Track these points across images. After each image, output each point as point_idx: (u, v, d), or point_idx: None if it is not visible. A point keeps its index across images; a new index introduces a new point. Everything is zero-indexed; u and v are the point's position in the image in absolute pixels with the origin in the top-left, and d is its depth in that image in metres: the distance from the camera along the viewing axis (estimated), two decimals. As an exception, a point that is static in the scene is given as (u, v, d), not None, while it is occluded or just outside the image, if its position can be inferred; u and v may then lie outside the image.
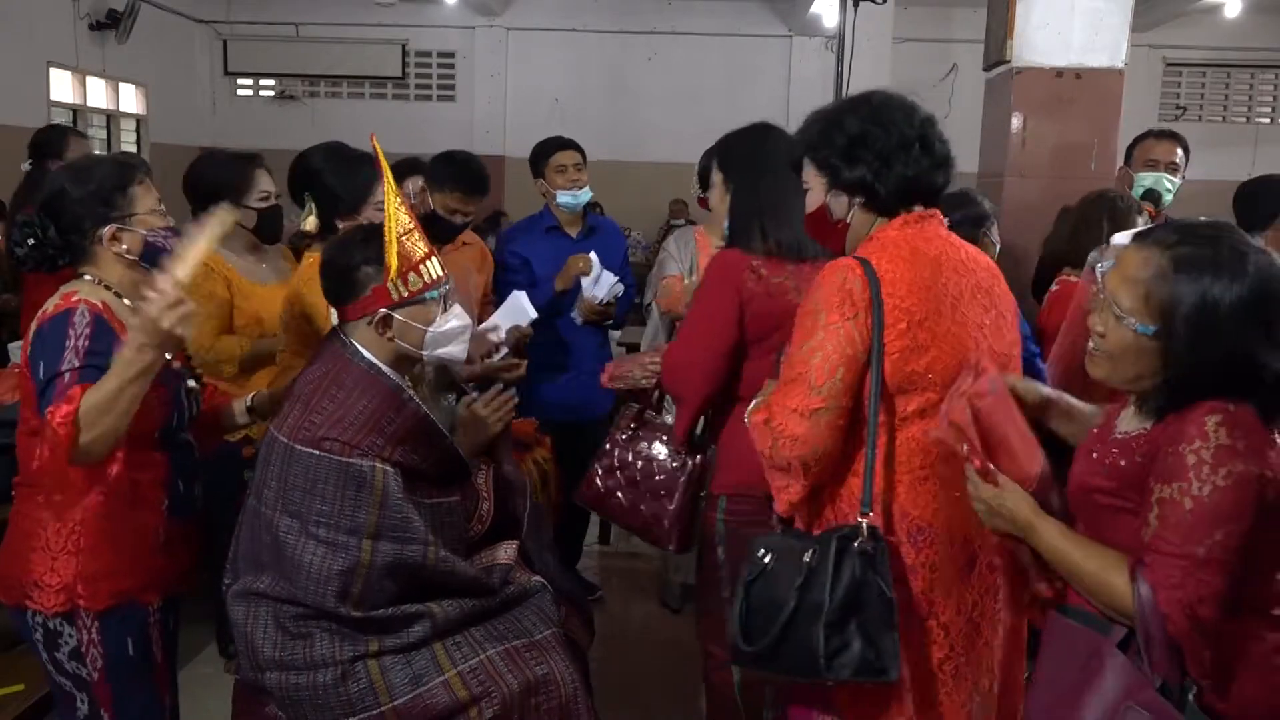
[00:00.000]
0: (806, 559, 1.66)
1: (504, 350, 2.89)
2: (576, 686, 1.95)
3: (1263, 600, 1.43)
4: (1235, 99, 10.22)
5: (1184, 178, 3.34)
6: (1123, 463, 1.48)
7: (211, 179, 2.86)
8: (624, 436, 2.36)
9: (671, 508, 2.29)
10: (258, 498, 1.91)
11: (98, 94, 8.52)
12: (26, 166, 4.07)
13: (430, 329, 1.97)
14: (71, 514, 1.87)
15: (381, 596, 1.87)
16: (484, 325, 2.93)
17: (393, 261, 1.90)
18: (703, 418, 2.34)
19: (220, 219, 1.80)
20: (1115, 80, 3.89)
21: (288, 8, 9.95)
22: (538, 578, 2.10)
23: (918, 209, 1.77)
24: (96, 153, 7.69)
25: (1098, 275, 1.54)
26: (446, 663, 1.88)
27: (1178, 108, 10.08)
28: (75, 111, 8.16)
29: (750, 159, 2.31)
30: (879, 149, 1.73)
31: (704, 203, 2.73)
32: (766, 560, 1.72)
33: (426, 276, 1.95)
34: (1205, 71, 10.13)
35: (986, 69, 4.21)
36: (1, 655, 2.61)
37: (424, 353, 1.98)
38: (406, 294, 1.93)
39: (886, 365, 1.69)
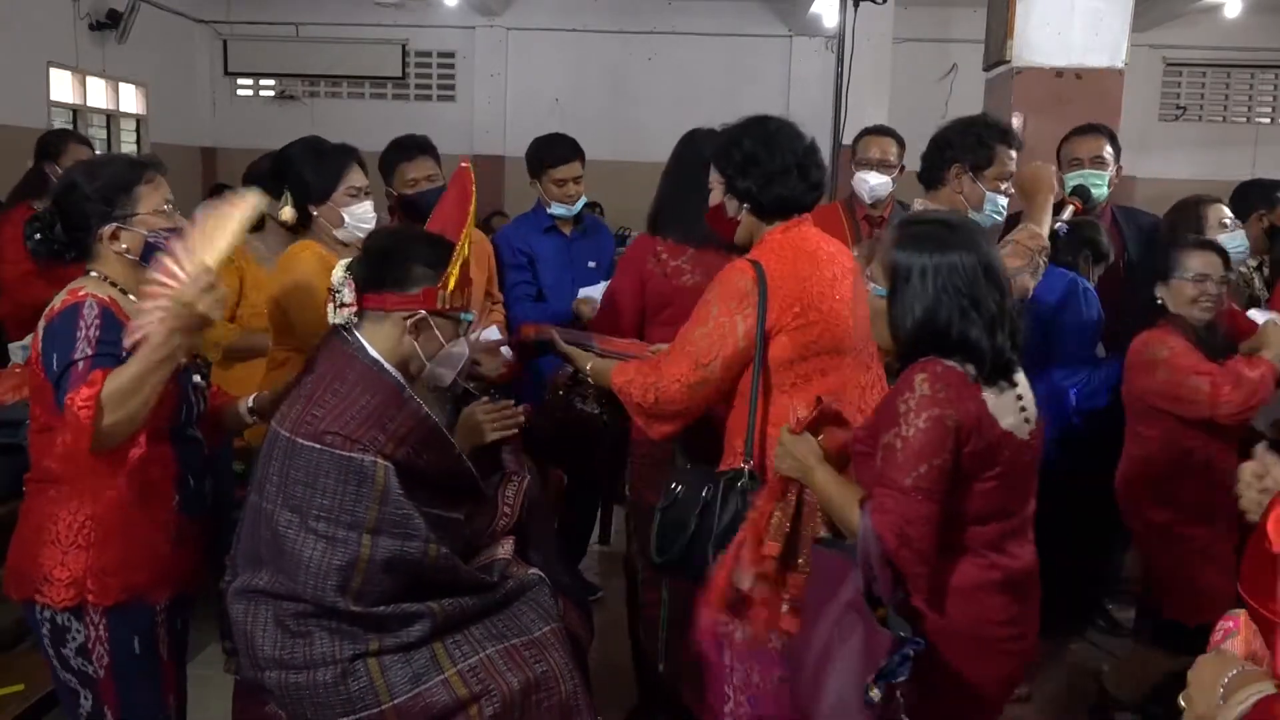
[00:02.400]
0: (704, 494, 2.08)
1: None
2: (576, 684, 1.96)
3: (973, 542, 1.75)
4: (1235, 99, 10.21)
5: (1119, 170, 3.28)
6: (866, 416, 1.89)
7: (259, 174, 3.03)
8: (561, 393, 2.72)
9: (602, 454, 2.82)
10: (259, 493, 1.91)
11: (98, 94, 8.52)
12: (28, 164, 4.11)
13: (447, 346, 2.01)
14: (84, 508, 1.89)
15: (381, 592, 1.87)
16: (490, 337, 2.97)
17: (455, 272, 1.97)
18: None
19: (248, 203, 1.85)
20: (1115, 80, 3.89)
21: (288, 8, 9.94)
22: (535, 570, 2.10)
23: (795, 217, 2.18)
24: (120, 152, 7.72)
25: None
26: (446, 661, 1.88)
27: (1178, 108, 10.08)
28: (75, 111, 8.16)
29: (674, 158, 2.71)
30: (763, 170, 2.15)
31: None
32: (678, 491, 2.13)
33: (467, 299, 2.03)
34: (1205, 71, 10.12)
35: (986, 69, 4.22)
36: (1, 655, 2.62)
37: (428, 365, 2.01)
38: (449, 306, 1.98)
39: (787, 340, 2.09)
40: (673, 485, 2.15)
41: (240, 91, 10.43)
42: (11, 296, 3.43)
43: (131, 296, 1.93)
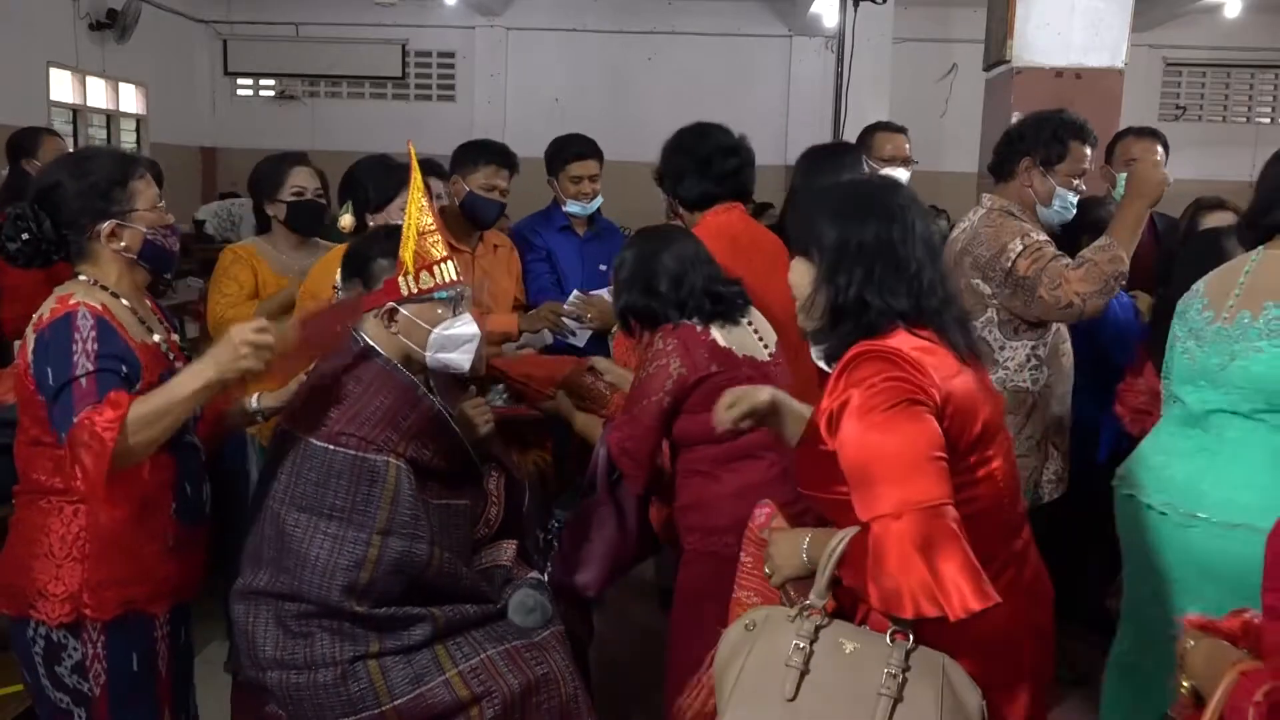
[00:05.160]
0: None
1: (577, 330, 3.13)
2: (577, 686, 1.96)
3: (693, 461, 2.22)
4: (1235, 99, 10.19)
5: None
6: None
7: (252, 178, 3.08)
8: None
9: None
10: (264, 492, 1.91)
11: (98, 94, 8.51)
12: (2, 172, 4.03)
13: (435, 330, 1.97)
14: (78, 519, 1.82)
15: (385, 595, 1.87)
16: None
17: (407, 257, 1.92)
18: None
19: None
20: (1115, 80, 3.89)
21: (288, 8, 9.94)
22: (534, 574, 2.11)
23: (722, 205, 2.62)
24: (95, 144, 7.70)
25: None
26: (448, 662, 1.88)
27: (1178, 108, 10.07)
28: (75, 111, 8.16)
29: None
30: (674, 172, 2.64)
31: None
32: None
33: (439, 278, 1.95)
34: (1205, 71, 10.11)
35: (986, 69, 4.21)
36: (1, 655, 2.61)
37: (426, 354, 1.98)
38: (416, 290, 1.94)
39: None
40: None
41: (240, 91, 10.43)
42: (19, 307, 3.22)
43: (124, 300, 1.87)
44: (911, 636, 1.41)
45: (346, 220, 2.67)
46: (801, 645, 1.43)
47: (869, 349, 1.49)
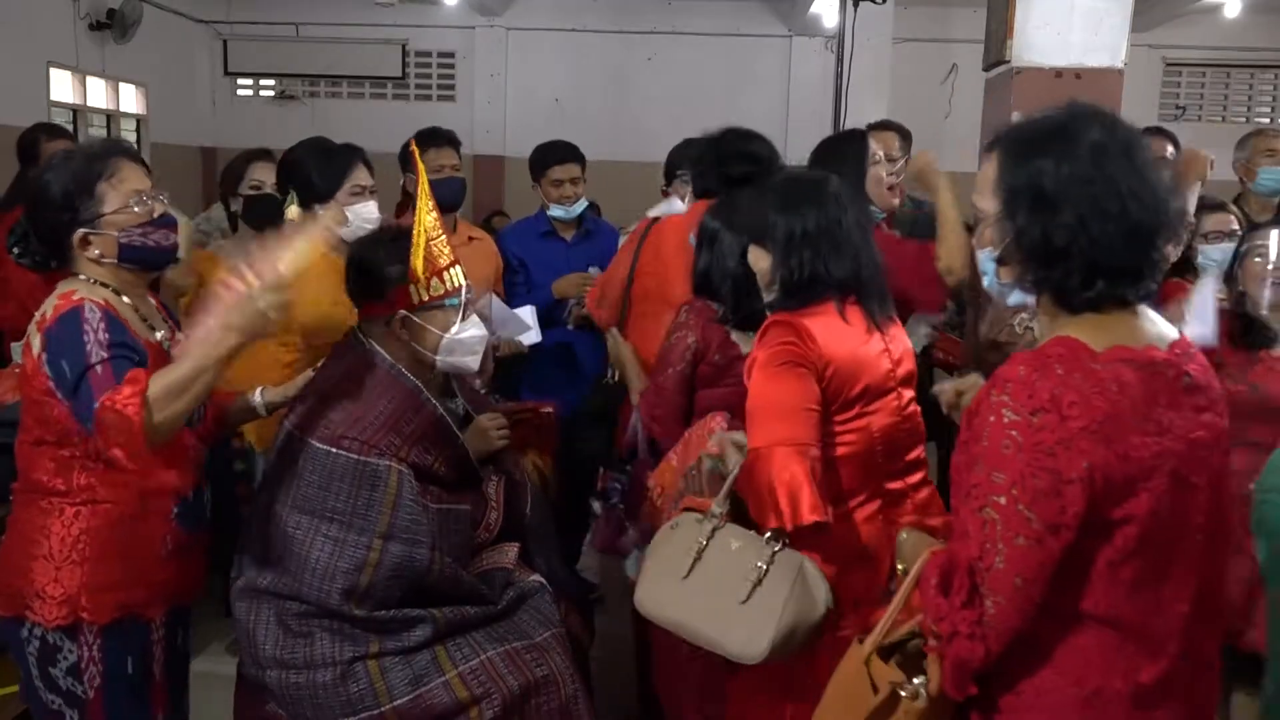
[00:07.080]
0: None
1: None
2: (577, 687, 1.96)
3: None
4: (1235, 99, 10.18)
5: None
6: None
7: (221, 176, 3.15)
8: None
9: None
10: (268, 493, 1.91)
11: (98, 94, 8.51)
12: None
13: (446, 335, 1.98)
14: (78, 521, 1.82)
15: (385, 598, 1.87)
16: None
17: (418, 265, 1.92)
18: None
19: (329, 217, 2.06)
20: (1115, 80, 3.88)
21: (288, 8, 9.93)
22: (536, 577, 2.11)
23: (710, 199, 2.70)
24: (75, 144, 7.65)
25: None
26: (447, 663, 1.88)
27: (1178, 108, 10.05)
28: (75, 111, 8.15)
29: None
30: (697, 156, 2.81)
31: None
32: None
33: (449, 284, 1.97)
34: (1205, 71, 10.10)
35: (986, 69, 4.21)
36: (1, 655, 2.61)
37: (437, 359, 1.99)
38: (427, 298, 1.95)
39: (641, 284, 2.85)
40: None
41: (240, 91, 10.42)
42: (19, 304, 3.20)
43: (125, 298, 1.87)
44: (783, 541, 1.78)
45: (294, 211, 2.58)
46: (700, 540, 1.83)
47: (778, 318, 1.90)
